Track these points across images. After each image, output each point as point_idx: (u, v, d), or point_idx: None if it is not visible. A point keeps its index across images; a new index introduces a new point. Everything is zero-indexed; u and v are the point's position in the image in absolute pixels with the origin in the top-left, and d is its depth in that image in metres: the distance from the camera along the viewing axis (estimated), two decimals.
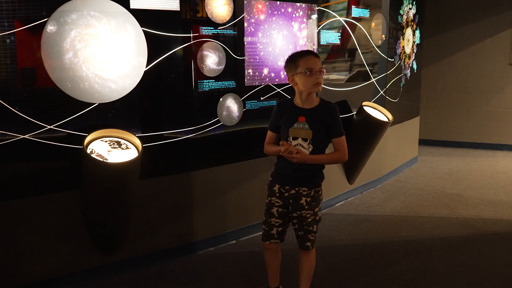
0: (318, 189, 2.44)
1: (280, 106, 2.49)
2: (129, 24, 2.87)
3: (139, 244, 3.13)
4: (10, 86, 2.60)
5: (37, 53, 2.60)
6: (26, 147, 2.62)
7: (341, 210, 4.37)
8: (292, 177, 2.40)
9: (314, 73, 2.29)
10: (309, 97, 2.38)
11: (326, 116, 2.37)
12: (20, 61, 2.61)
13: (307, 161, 2.34)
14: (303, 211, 2.41)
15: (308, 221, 2.42)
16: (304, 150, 2.36)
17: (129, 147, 2.79)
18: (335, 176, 4.49)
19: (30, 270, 2.74)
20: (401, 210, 4.35)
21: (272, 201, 2.48)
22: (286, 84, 3.78)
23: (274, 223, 2.48)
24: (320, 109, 2.38)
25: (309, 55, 2.34)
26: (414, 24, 5.70)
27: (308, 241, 2.46)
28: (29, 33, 2.59)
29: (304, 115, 2.37)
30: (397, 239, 3.66)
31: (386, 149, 5.21)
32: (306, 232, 2.45)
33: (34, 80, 2.66)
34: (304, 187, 2.40)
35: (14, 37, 2.57)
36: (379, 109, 4.59)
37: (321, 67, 2.32)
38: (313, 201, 2.41)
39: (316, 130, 2.35)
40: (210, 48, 3.24)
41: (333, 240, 3.65)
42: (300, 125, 2.37)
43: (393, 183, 5.31)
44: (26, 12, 2.59)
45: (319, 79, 2.31)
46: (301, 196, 2.40)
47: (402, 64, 5.45)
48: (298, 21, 3.79)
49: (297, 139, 2.38)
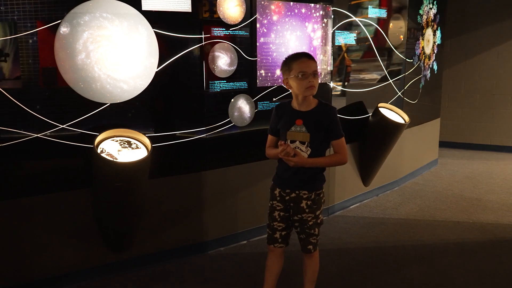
0: (319, 192, 2.41)
1: (278, 109, 2.47)
2: (141, 25, 2.91)
3: (149, 243, 3.17)
4: (31, 85, 2.69)
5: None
6: (39, 146, 2.69)
7: (355, 213, 4.33)
8: (292, 180, 2.38)
9: (307, 76, 2.26)
10: (306, 100, 2.35)
11: (323, 118, 2.33)
12: (42, 61, 2.69)
13: (305, 164, 2.31)
14: (304, 214, 2.39)
15: (310, 224, 2.40)
16: (303, 153, 2.33)
17: (139, 147, 2.83)
18: (350, 178, 4.45)
19: (40, 266, 2.81)
20: (417, 214, 4.28)
21: (273, 204, 2.46)
22: None
23: (277, 227, 2.46)
24: (317, 111, 2.35)
25: (303, 58, 2.30)
26: (435, 24, 5.59)
27: (310, 244, 2.45)
28: (51, 33, 2.66)
29: (301, 118, 2.34)
30: (410, 243, 3.60)
31: (404, 151, 5.13)
32: (307, 235, 2.43)
33: (55, 79, 2.73)
34: (304, 191, 2.37)
35: (37, 37, 2.64)
36: (396, 111, 4.53)
37: (315, 70, 2.29)
38: (314, 204, 2.39)
39: (313, 133, 2.32)
40: (222, 49, 3.25)
41: (344, 243, 3.61)
42: (297, 128, 2.34)
43: (410, 186, 5.23)
44: (49, 13, 2.67)
45: (311, 83, 2.27)
46: (302, 199, 2.38)
47: (421, 65, 5.35)
48: (312, 21, 3.76)
49: (295, 142, 2.35)
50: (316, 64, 2.31)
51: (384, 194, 4.88)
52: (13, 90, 2.67)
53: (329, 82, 4.01)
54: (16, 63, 2.68)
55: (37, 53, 2.67)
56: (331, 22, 3.92)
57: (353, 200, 4.51)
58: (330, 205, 4.21)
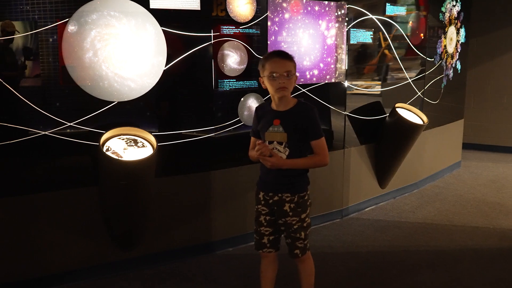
0: (302, 195, 2.32)
1: (258, 110, 2.40)
2: (149, 23, 2.90)
3: (157, 242, 3.16)
4: (51, 83, 2.73)
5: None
6: (47, 143, 2.72)
7: (370, 215, 4.22)
8: (274, 183, 2.31)
9: (278, 77, 2.18)
10: (283, 100, 2.26)
11: (301, 118, 2.23)
12: (61, 59, 2.72)
13: (283, 165, 2.23)
14: (288, 217, 2.31)
15: (294, 228, 2.31)
16: (281, 154, 2.25)
17: (145, 145, 2.82)
18: (365, 180, 4.34)
19: (48, 262, 2.84)
20: (434, 218, 4.14)
21: (259, 209, 2.39)
22: (312, 84, 3.69)
23: (264, 232, 2.38)
24: (295, 111, 2.26)
25: (275, 58, 2.21)
26: (459, 22, 5.40)
27: (296, 249, 2.34)
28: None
29: (278, 118, 2.26)
30: (425, 248, 3.48)
31: (424, 152, 4.98)
32: (293, 239, 2.33)
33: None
34: (287, 193, 2.29)
35: (57, 35, 2.68)
36: (414, 111, 4.39)
37: (288, 70, 2.18)
38: (298, 207, 2.30)
39: (290, 133, 2.23)
40: (231, 48, 3.22)
41: (356, 246, 3.52)
42: (275, 129, 2.26)
43: (430, 188, 5.07)
44: (69, 12, 2.70)
45: (282, 84, 2.18)
46: (284, 202, 2.30)
47: (443, 64, 5.19)
48: (326, 19, 3.69)
49: (272, 143, 2.27)
50: (290, 64, 2.20)
51: (401, 197, 4.75)
52: (33, 88, 2.74)
53: (343, 82, 3.92)
54: (36, 62, 2.72)
55: (57, 51, 2.70)
56: (346, 20, 3.83)
57: (368, 203, 4.40)
58: (344, 207, 4.12)
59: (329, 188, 4.01)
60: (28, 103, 2.64)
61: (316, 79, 3.72)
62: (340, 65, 3.85)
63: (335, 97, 3.93)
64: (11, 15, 2.63)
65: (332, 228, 3.91)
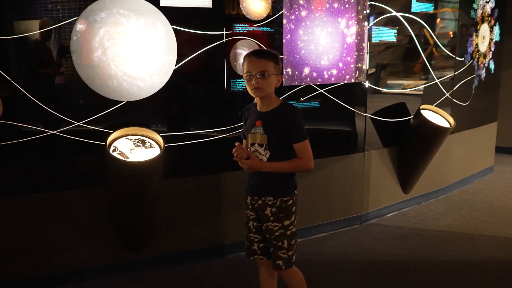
0: (286, 199, 2.17)
1: (245, 111, 2.30)
2: (159, 22, 2.85)
3: (166, 244, 3.11)
4: (74, 81, 2.72)
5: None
6: (56, 143, 2.71)
7: (391, 222, 4.04)
8: (257, 186, 2.20)
9: (253, 77, 2.06)
10: (265, 100, 2.14)
11: (282, 120, 2.10)
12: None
13: (261, 168, 2.12)
14: (269, 223, 2.18)
15: (276, 235, 2.17)
16: (261, 156, 2.14)
17: (153, 146, 2.77)
18: (387, 184, 4.16)
19: (56, 261, 2.83)
20: (460, 226, 3.92)
21: (247, 214, 2.28)
22: (330, 84, 3.56)
23: (253, 238, 2.27)
24: (277, 112, 2.13)
25: (251, 57, 2.09)
26: (492, 20, 5.12)
27: (279, 259, 2.18)
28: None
29: (261, 119, 2.15)
30: (447, 258, 3.28)
31: (452, 156, 4.74)
32: (275, 248, 2.18)
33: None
34: (269, 197, 2.17)
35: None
36: (441, 113, 4.18)
37: (263, 70, 2.04)
38: (280, 212, 2.16)
39: (271, 135, 2.11)
40: (244, 46, 3.13)
41: (374, 254, 3.36)
42: (256, 130, 2.15)
43: (458, 194, 4.82)
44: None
45: (256, 84, 2.06)
46: (266, 206, 2.17)
47: (475, 63, 4.93)
48: (345, 17, 3.54)
49: (254, 145, 2.17)
50: (267, 63, 2.06)
51: (426, 203, 4.53)
52: (57, 86, 2.76)
53: (364, 82, 3.76)
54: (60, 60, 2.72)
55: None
56: (368, 17, 3.67)
57: (390, 208, 4.22)
58: (363, 213, 3.96)
59: (348, 192, 3.86)
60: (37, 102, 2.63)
61: (335, 79, 3.57)
62: (361, 64, 3.69)
63: (355, 98, 3.78)
64: (37, 13, 2.63)
65: (350, 234, 3.76)
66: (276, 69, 2.10)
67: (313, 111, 3.53)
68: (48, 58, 2.70)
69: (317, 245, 3.52)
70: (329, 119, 3.71)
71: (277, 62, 2.12)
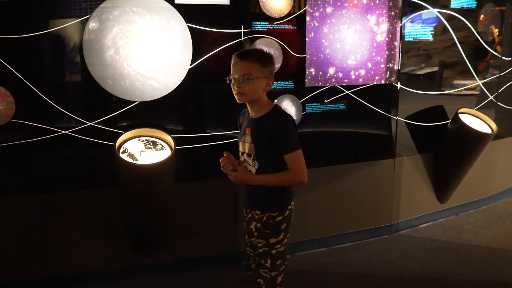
0: (274, 215, 1.97)
1: (240, 116, 2.13)
2: (174, 20, 2.75)
3: (180, 249, 3.02)
4: (86, 81, 2.68)
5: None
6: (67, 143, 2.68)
7: (423, 233, 3.77)
8: (248, 199, 2.03)
9: (235, 81, 1.88)
10: (254, 105, 1.95)
11: (271, 127, 1.89)
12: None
13: (249, 181, 1.93)
14: (253, 238, 2.00)
15: (259, 251, 1.98)
16: (250, 167, 1.95)
17: (164, 148, 2.68)
18: (421, 193, 3.88)
19: (69, 262, 2.80)
20: (501, 242, 3.59)
21: (244, 227, 2.13)
22: (357, 85, 3.35)
23: (249, 253, 2.11)
24: (266, 118, 1.93)
25: (235, 59, 1.91)
26: None
27: (259, 277, 1.99)
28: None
29: (251, 126, 1.97)
30: (482, 278, 2.99)
31: (496, 164, 4.38)
32: (257, 265, 1.99)
33: None
34: (257, 211, 1.99)
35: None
36: (482, 118, 3.85)
37: (246, 73, 1.85)
38: (265, 229, 1.97)
39: (258, 144, 1.92)
40: (264, 45, 2.98)
41: (400, 269, 3.12)
42: (246, 138, 1.97)
43: (502, 206, 4.45)
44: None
45: (238, 89, 1.87)
46: (252, 220, 2.01)
47: None
48: (375, 13, 3.31)
49: (243, 155, 1.99)
50: (251, 66, 1.86)
51: (465, 214, 4.20)
52: (69, 85, 2.73)
53: (395, 83, 3.51)
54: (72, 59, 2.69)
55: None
56: (399, 14, 3.42)
57: (423, 219, 3.94)
58: (393, 222, 3.71)
59: (377, 200, 3.63)
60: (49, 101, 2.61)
61: (363, 80, 3.36)
62: (392, 64, 3.45)
63: (386, 101, 3.54)
64: (48, 12, 2.61)
65: (377, 245, 3.52)
66: (262, 72, 1.89)
67: (338, 113, 3.34)
68: (60, 57, 2.67)
69: (340, 256, 3.32)
70: (357, 122, 3.50)
71: (265, 63, 1.90)
